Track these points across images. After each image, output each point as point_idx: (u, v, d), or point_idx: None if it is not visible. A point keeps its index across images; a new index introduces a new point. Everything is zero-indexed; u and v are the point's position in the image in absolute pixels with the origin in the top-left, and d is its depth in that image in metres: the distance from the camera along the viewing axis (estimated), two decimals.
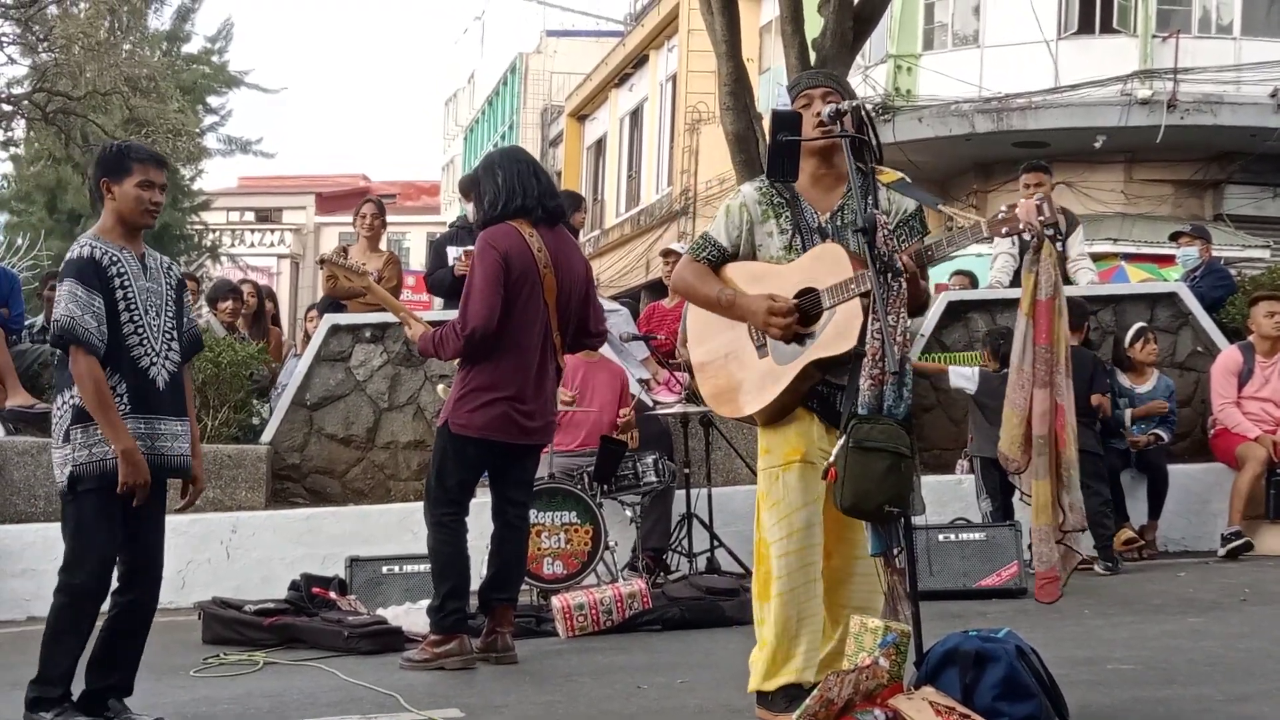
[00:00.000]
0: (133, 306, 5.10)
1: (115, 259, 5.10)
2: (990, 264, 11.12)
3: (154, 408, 5.15)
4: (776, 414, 4.61)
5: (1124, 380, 9.69)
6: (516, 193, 6.36)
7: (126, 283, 5.10)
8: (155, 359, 5.16)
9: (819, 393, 4.58)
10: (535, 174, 6.48)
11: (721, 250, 4.73)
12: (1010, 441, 4.76)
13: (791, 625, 4.55)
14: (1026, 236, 4.50)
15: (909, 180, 4.65)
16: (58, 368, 5.17)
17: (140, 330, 5.12)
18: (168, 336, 5.23)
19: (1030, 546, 5.11)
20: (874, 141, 4.62)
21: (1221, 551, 9.10)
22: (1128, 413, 9.46)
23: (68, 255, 5.12)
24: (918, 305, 4.61)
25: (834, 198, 4.62)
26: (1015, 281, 10.50)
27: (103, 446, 4.99)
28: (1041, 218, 4.32)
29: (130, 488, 5.00)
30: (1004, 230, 4.36)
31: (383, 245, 11.07)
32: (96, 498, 5.02)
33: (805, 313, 4.52)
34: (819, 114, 4.55)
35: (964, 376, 9.26)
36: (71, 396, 5.04)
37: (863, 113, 4.60)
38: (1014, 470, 4.79)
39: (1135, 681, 5.34)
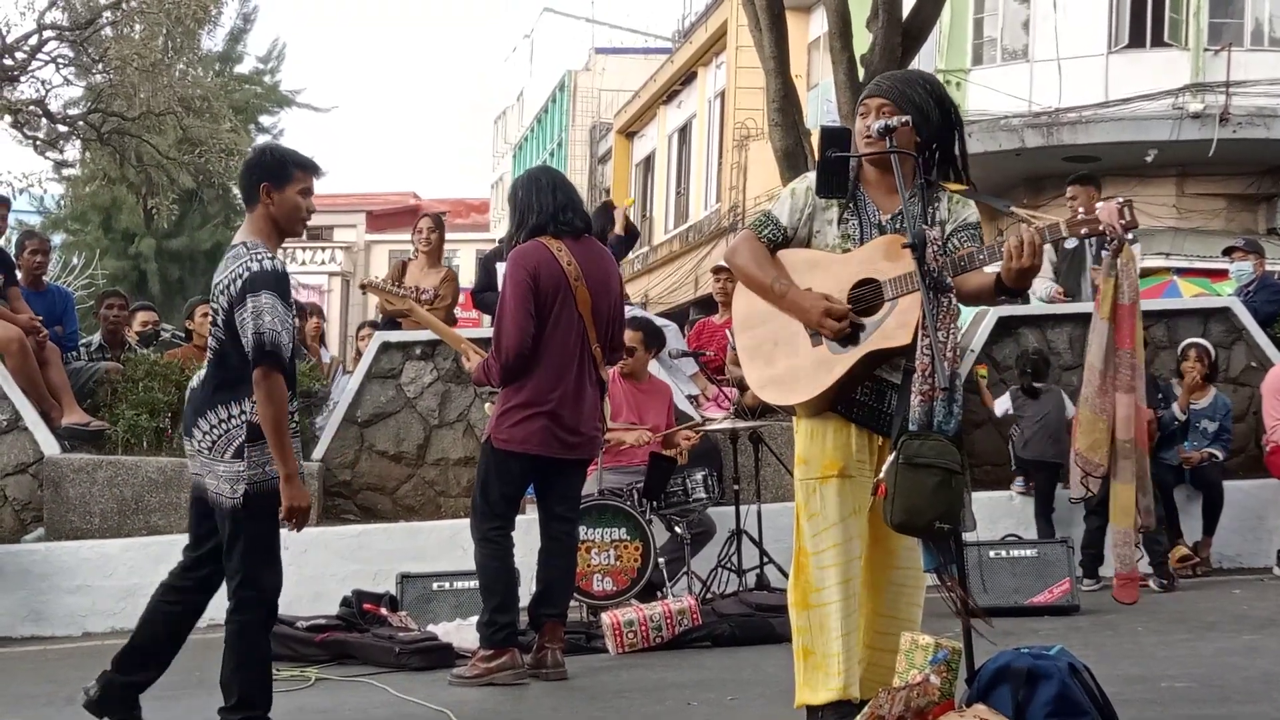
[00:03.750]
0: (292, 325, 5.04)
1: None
2: None
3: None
4: (824, 403, 4.55)
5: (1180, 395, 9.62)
6: (533, 210, 6.48)
7: (290, 300, 5.03)
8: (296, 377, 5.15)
9: (861, 401, 4.55)
10: (554, 190, 6.55)
11: (782, 230, 4.64)
12: (1093, 445, 4.70)
13: (832, 636, 4.52)
14: (1108, 240, 4.44)
15: (974, 191, 4.63)
16: (221, 382, 4.94)
17: (296, 349, 5.09)
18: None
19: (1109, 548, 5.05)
20: (957, 150, 4.61)
21: None
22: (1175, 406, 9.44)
23: (255, 265, 4.86)
24: (1022, 288, 4.49)
25: (895, 201, 4.55)
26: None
27: (272, 465, 4.94)
28: (1123, 221, 4.27)
29: (295, 512, 4.94)
30: (1083, 231, 4.31)
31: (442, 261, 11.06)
32: (271, 515, 4.98)
33: (864, 302, 4.47)
34: (869, 127, 4.54)
35: (1002, 404, 9.69)
36: (242, 412, 4.90)
37: (955, 125, 4.59)
38: (1097, 474, 4.73)
39: (1190, 699, 5.29)
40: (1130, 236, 4.33)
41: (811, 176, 4.73)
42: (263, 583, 5.05)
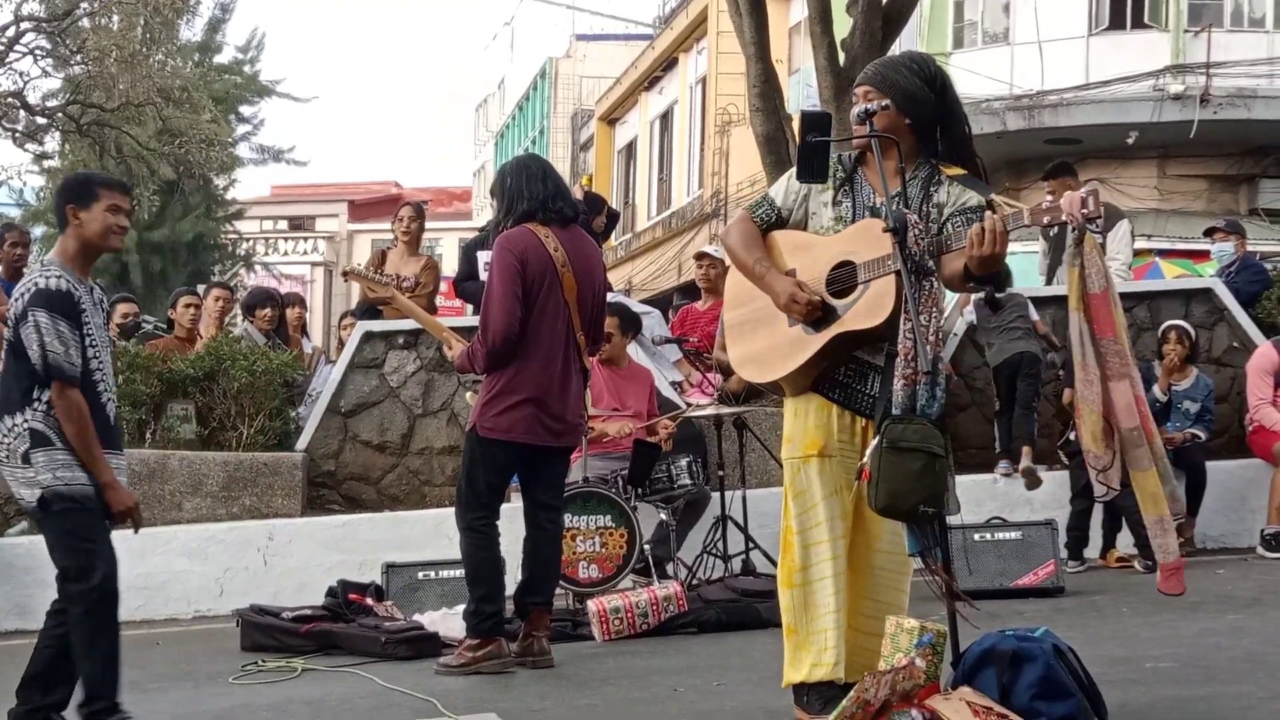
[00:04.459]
0: (94, 342, 5.13)
1: (79, 294, 5.11)
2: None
3: (111, 443, 5.20)
4: (800, 382, 4.59)
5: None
6: (523, 196, 6.46)
7: (87, 318, 5.12)
8: (109, 394, 5.22)
9: (843, 382, 4.56)
10: (544, 178, 6.55)
11: (776, 210, 4.73)
12: (1092, 438, 4.69)
13: (821, 612, 4.54)
14: (1070, 230, 4.43)
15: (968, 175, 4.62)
16: (6, 391, 5.08)
17: (101, 366, 5.15)
18: (112, 371, 5.27)
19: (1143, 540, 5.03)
20: (961, 131, 4.62)
21: (1270, 555, 9.05)
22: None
23: (36, 283, 5.06)
24: (990, 276, 4.43)
25: (892, 184, 4.56)
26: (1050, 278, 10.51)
27: (65, 471, 5.01)
28: (1085, 210, 4.26)
29: (125, 514, 5.09)
30: (1046, 220, 4.31)
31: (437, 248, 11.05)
32: (77, 510, 5.04)
33: (841, 284, 4.49)
34: (853, 112, 4.57)
35: (968, 314, 10.18)
36: (25, 420, 5.01)
37: (951, 105, 4.60)
38: (1101, 467, 4.73)
39: (1174, 679, 5.31)
40: (1094, 226, 4.32)
41: None
42: (86, 573, 5.05)
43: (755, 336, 4.71)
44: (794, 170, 4.75)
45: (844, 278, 4.48)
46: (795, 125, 12.58)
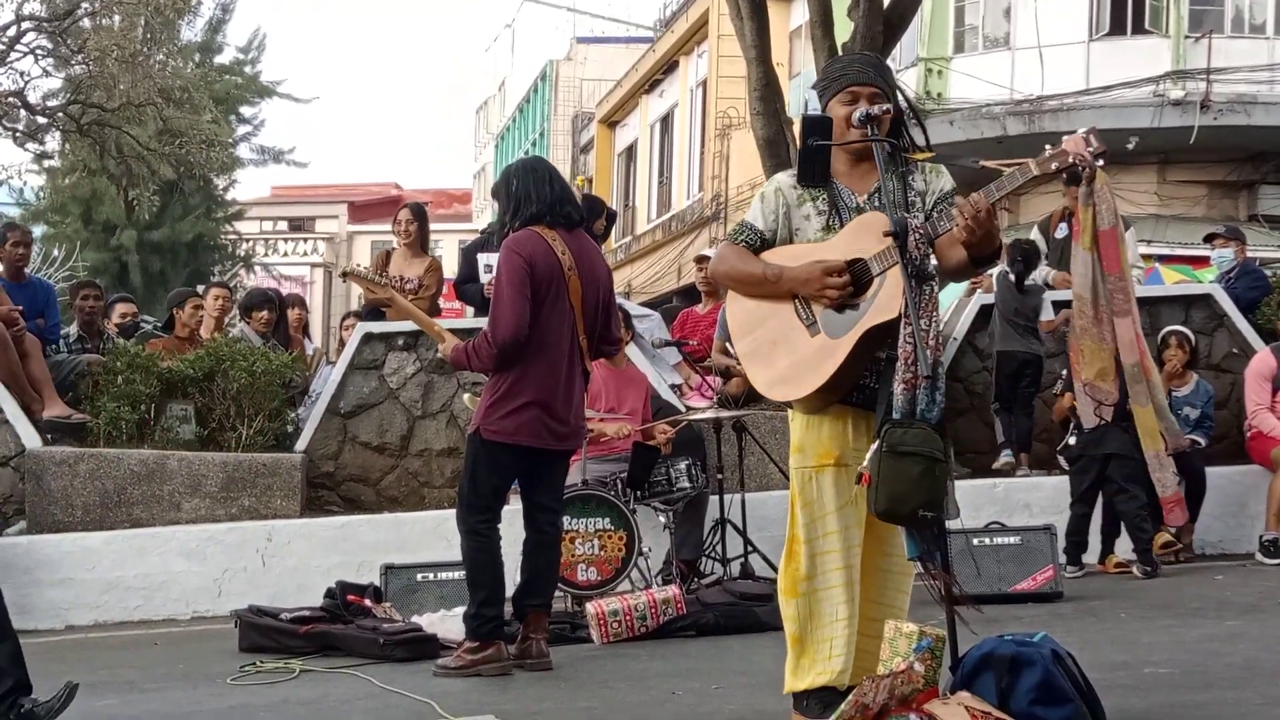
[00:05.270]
0: None
1: None
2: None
3: None
4: (833, 391, 4.50)
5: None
6: (531, 199, 6.44)
7: None
8: None
9: (863, 385, 4.52)
10: (549, 181, 6.54)
11: (759, 234, 4.64)
12: (1100, 374, 4.70)
13: (827, 620, 4.52)
14: (1080, 169, 4.38)
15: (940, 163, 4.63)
16: None
17: None
18: None
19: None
20: (919, 131, 4.62)
21: (1268, 561, 9.05)
22: None
23: None
24: (993, 253, 4.41)
25: (870, 181, 4.55)
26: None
27: None
28: (1090, 148, 4.23)
29: None
30: (1053, 165, 4.27)
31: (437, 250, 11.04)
32: None
33: (855, 281, 4.44)
34: (853, 115, 4.52)
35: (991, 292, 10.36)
36: None
37: (905, 107, 4.60)
38: (1106, 401, 4.76)
39: (1173, 685, 5.31)
40: (1102, 162, 4.30)
41: (780, 178, 4.72)
42: None
43: (775, 357, 4.58)
44: (762, 192, 4.70)
45: (856, 274, 4.44)
46: (796, 129, 12.59)
